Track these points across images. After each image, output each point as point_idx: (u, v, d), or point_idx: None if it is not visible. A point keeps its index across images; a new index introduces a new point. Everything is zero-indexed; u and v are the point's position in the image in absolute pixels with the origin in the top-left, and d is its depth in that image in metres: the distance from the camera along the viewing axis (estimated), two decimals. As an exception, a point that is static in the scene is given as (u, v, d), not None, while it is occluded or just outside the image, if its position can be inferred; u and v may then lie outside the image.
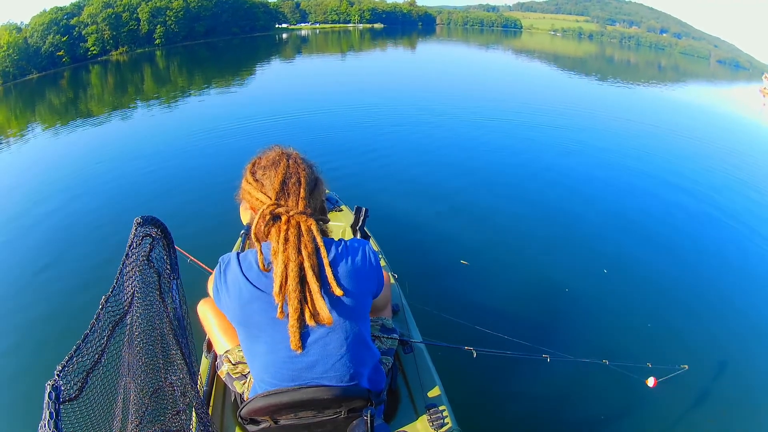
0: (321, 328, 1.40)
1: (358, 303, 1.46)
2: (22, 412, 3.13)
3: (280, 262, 1.32)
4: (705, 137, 12.49)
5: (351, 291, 1.42)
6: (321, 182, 1.55)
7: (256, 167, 1.49)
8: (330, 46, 50.40)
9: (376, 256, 1.51)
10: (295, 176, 1.44)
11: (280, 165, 1.46)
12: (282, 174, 1.43)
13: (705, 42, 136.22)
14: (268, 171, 1.46)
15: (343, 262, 1.42)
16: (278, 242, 1.34)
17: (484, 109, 13.64)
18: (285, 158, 1.48)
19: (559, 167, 8.40)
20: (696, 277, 5.15)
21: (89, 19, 45.62)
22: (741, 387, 3.56)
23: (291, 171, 1.45)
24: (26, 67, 36.93)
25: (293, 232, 1.35)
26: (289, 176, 1.44)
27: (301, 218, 1.37)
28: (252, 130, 10.53)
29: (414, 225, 5.70)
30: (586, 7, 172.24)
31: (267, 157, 1.50)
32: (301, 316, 1.34)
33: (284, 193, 1.42)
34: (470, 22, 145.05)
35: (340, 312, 1.42)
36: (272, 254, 1.35)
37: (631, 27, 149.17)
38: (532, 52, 49.75)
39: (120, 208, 6.30)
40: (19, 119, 17.54)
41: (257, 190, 1.44)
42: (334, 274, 1.37)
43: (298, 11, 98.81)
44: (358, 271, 1.44)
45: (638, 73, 38.89)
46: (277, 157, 1.49)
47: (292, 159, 1.49)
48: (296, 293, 1.31)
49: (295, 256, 1.33)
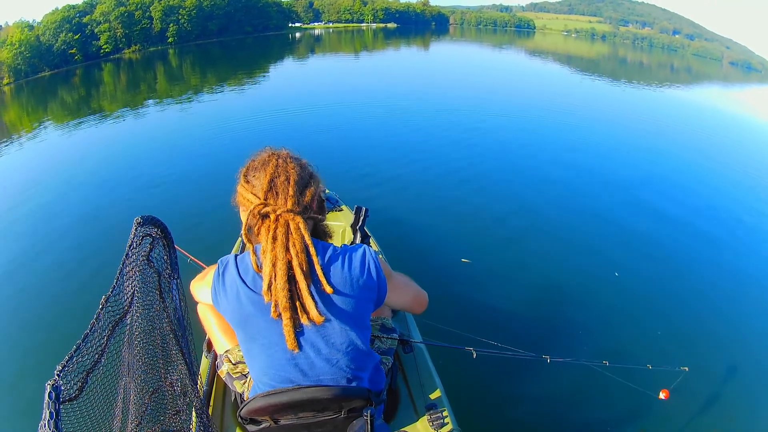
0: (318, 330, 1.40)
1: (356, 308, 1.44)
2: (22, 411, 3.14)
3: (268, 261, 1.33)
4: (717, 140, 12.44)
5: (346, 294, 1.41)
6: (316, 180, 1.53)
7: (249, 169, 1.49)
8: (343, 46, 50.58)
9: (377, 263, 1.48)
10: (284, 175, 1.44)
11: (269, 165, 1.45)
12: (270, 173, 1.43)
13: (717, 43, 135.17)
14: (258, 172, 1.46)
15: (339, 265, 1.41)
16: (267, 241, 1.35)
17: (487, 108, 13.65)
18: (275, 158, 1.48)
19: (559, 167, 8.39)
20: (696, 278, 5.13)
21: (102, 18, 46.04)
22: (742, 388, 3.55)
23: (279, 170, 1.44)
24: (38, 65, 37.35)
25: (281, 231, 1.35)
26: (277, 175, 1.43)
27: (288, 216, 1.37)
28: (253, 130, 10.61)
29: (414, 225, 5.71)
30: (599, 7, 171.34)
31: (258, 159, 1.50)
32: (293, 314, 1.35)
33: (273, 192, 1.41)
34: (483, 22, 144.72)
35: (337, 315, 1.41)
36: (261, 253, 1.36)
37: (644, 28, 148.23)
38: (546, 53, 49.51)
39: (120, 208, 6.33)
40: (30, 116, 17.73)
41: (248, 191, 1.44)
42: (326, 275, 1.37)
43: (311, 10, 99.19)
44: (355, 277, 1.43)
45: (651, 75, 38.66)
46: (267, 157, 1.49)
47: (281, 159, 1.48)
48: (285, 291, 1.32)
49: (283, 255, 1.33)
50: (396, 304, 1.79)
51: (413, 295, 1.76)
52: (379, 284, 1.49)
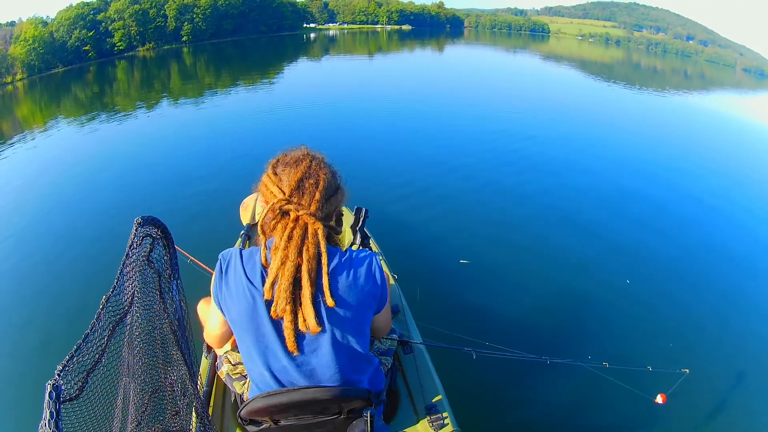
0: (318, 334, 1.38)
1: (357, 316, 1.43)
2: (22, 411, 3.16)
3: (277, 259, 1.31)
4: (720, 144, 12.46)
5: (349, 303, 1.39)
6: (342, 192, 1.53)
7: (279, 162, 1.48)
8: (358, 47, 50.61)
9: (382, 273, 1.47)
10: (314, 177, 1.42)
11: (302, 164, 1.45)
12: (301, 172, 1.42)
13: (731, 50, 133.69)
14: (289, 167, 1.44)
15: (345, 274, 1.39)
16: (281, 238, 1.33)
17: (489, 108, 13.81)
18: (309, 159, 1.47)
19: (559, 168, 8.49)
20: (697, 279, 5.14)
21: (116, 15, 46.33)
22: (743, 390, 3.56)
23: (311, 171, 1.43)
24: (52, 61, 37.66)
25: (298, 232, 1.33)
26: (308, 176, 1.42)
27: (309, 220, 1.35)
28: (254, 129, 10.68)
29: (414, 225, 5.72)
30: (613, 12, 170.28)
31: (292, 155, 1.49)
32: (295, 318, 1.33)
33: (299, 192, 1.40)
34: (498, 25, 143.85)
35: (337, 323, 1.39)
36: (272, 249, 1.34)
37: (658, 33, 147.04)
38: (560, 57, 49.23)
39: (121, 208, 6.37)
40: (44, 112, 17.87)
41: (274, 184, 1.43)
42: (332, 284, 1.34)
43: (326, 11, 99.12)
44: (360, 286, 1.41)
45: (665, 81, 38.35)
46: (301, 156, 1.48)
47: (315, 161, 1.47)
48: (287, 293, 1.30)
49: (295, 257, 1.31)
50: (378, 321, 1.69)
51: (389, 316, 1.75)
52: (382, 293, 1.49)
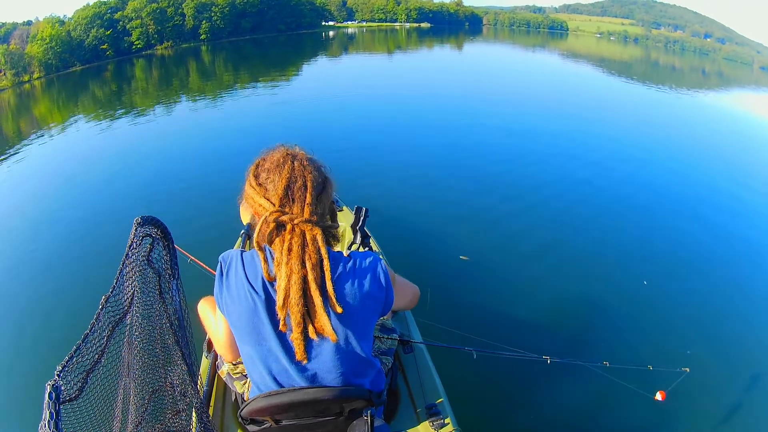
0: (322, 340, 1.35)
1: (361, 320, 1.41)
2: (22, 412, 3.19)
3: (283, 275, 1.26)
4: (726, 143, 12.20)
5: (354, 309, 1.37)
6: (330, 185, 1.45)
7: (260, 170, 1.39)
8: (377, 45, 50.60)
9: (387, 277, 1.43)
10: (301, 180, 1.34)
11: (284, 168, 1.35)
12: (286, 178, 1.33)
13: (748, 48, 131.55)
14: (272, 174, 1.36)
15: (350, 282, 1.36)
16: (281, 252, 1.28)
17: (492, 108, 13.70)
18: (290, 160, 1.37)
19: (559, 168, 8.44)
20: (698, 279, 5.09)
21: (133, 14, 46.88)
22: (743, 389, 3.55)
23: (296, 174, 1.35)
24: (69, 60, 38.22)
25: (297, 242, 1.28)
26: (294, 180, 1.33)
27: (306, 227, 1.29)
28: (255, 130, 10.71)
29: (414, 225, 5.71)
30: (631, 10, 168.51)
31: (271, 159, 1.40)
32: (305, 329, 1.29)
33: (289, 199, 1.32)
34: (517, 23, 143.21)
35: (341, 328, 1.37)
36: (275, 264, 1.29)
37: (676, 31, 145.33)
38: (580, 55, 48.79)
39: (120, 208, 6.42)
40: (62, 110, 18.09)
41: (260, 195, 1.35)
42: (338, 292, 1.31)
43: (344, 9, 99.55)
44: (365, 293, 1.38)
45: (683, 79, 37.90)
46: (281, 158, 1.38)
47: (297, 161, 1.38)
48: (299, 307, 1.26)
49: (299, 268, 1.26)
50: (399, 307, 1.74)
51: (412, 294, 1.74)
52: (387, 296, 1.45)
